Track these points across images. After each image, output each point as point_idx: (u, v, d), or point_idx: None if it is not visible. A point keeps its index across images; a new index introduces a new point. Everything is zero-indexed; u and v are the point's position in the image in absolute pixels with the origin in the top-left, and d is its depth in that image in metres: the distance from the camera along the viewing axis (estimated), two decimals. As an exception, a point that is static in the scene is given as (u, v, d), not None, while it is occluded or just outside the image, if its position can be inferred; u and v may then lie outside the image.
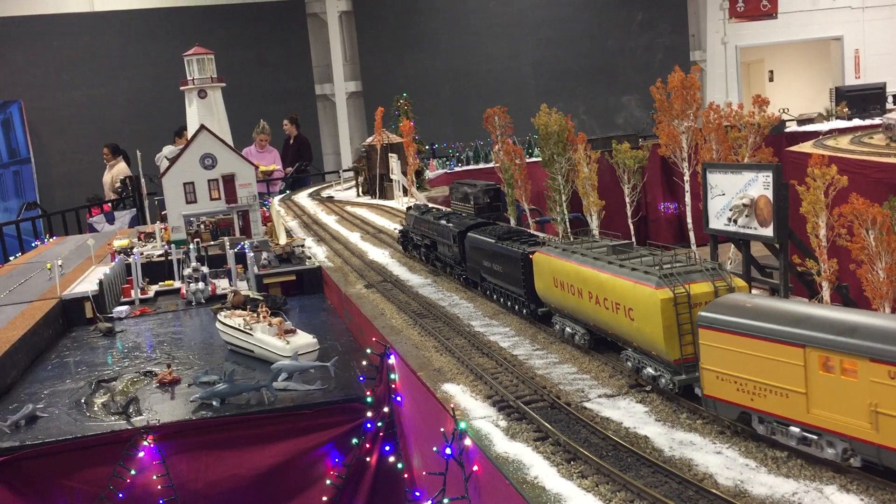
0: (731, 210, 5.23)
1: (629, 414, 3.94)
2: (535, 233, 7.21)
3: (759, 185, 5.04)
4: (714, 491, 3.06)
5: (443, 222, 7.27)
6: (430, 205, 9.58)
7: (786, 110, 21.69)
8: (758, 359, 3.30)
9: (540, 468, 3.44)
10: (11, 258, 12.17)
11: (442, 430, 4.12)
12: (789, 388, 3.21)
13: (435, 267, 7.75)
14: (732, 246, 5.87)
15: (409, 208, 9.16)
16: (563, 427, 3.80)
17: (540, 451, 3.61)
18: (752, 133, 5.65)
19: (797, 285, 5.19)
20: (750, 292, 4.27)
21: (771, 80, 33.93)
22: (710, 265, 4.13)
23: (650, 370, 4.12)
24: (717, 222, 5.44)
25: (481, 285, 6.47)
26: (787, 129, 19.70)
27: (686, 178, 6.00)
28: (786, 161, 9.63)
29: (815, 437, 3.17)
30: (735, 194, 5.21)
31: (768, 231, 5.03)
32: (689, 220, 6.15)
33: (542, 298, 5.35)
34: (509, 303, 5.95)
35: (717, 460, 3.35)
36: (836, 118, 20.40)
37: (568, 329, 5.05)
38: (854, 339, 2.97)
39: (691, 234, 6.14)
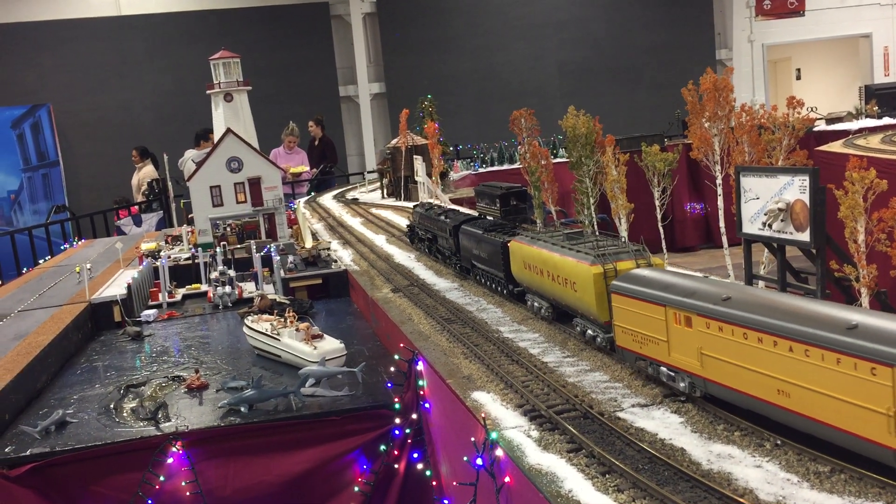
0: (765, 214, 5.11)
1: (664, 425, 3.86)
2: (514, 225, 7.80)
3: (795, 189, 4.92)
4: (755, 507, 2.98)
5: (441, 218, 8.20)
6: (433, 203, 10.41)
7: (814, 109, 21.40)
8: (643, 316, 4.27)
9: (574, 481, 3.38)
10: (41, 261, 12.29)
11: (472, 439, 4.07)
12: (659, 337, 4.16)
13: (436, 258, 8.61)
14: (766, 250, 5.75)
15: (415, 206, 9.84)
16: (597, 438, 3.72)
17: (574, 464, 3.54)
18: (787, 135, 5.53)
19: (834, 291, 5.07)
20: (664, 268, 5.18)
21: (798, 78, 33.53)
22: (636, 248, 5.03)
23: (590, 331, 5.06)
24: (751, 226, 5.32)
25: (472, 271, 7.38)
26: (816, 129, 19.42)
27: (718, 181, 5.88)
28: (815, 161, 9.47)
29: (673, 374, 4.10)
30: (770, 198, 5.10)
31: (804, 236, 4.91)
32: (722, 223, 6.03)
33: (516, 279, 6.30)
34: (492, 284, 6.87)
35: (758, 474, 3.26)
36: (866, 117, 20.09)
37: (536, 304, 5.97)
38: (691, 299, 3.92)
39: (724, 238, 6.03)
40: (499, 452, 3.81)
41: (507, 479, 3.74)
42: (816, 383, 3.19)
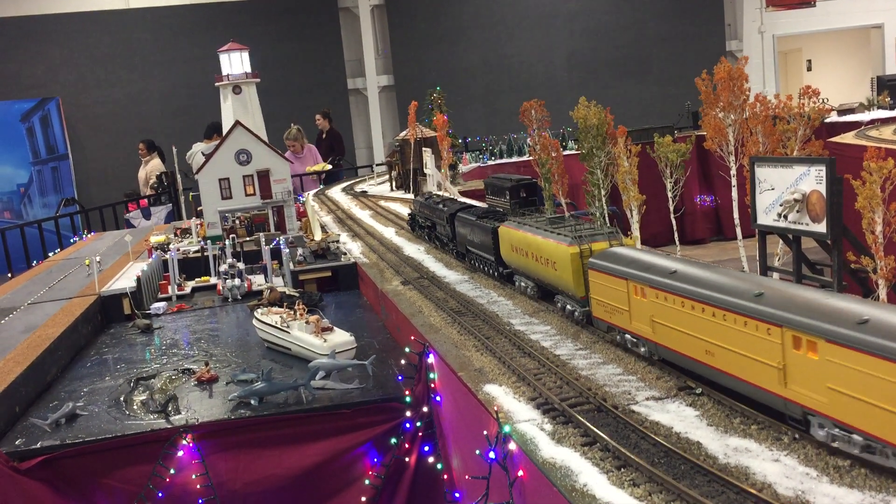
0: (781, 205, 5.05)
1: (679, 418, 3.81)
2: (503, 210, 8.20)
3: (811, 180, 4.85)
4: (775, 503, 2.92)
5: (440, 206, 8.57)
6: (433, 193, 10.77)
7: (826, 100, 21.24)
8: (611, 289, 4.74)
9: (589, 475, 3.33)
10: (51, 254, 12.31)
11: (485, 432, 4.02)
12: (623, 307, 4.63)
13: (435, 244, 8.98)
14: (780, 242, 5.68)
15: (415, 196, 10.24)
16: (612, 432, 3.67)
17: (588, 457, 3.49)
18: (802, 125, 5.45)
19: (851, 283, 5.00)
20: (635, 246, 5.58)
21: (809, 69, 33.30)
22: (610, 230, 5.52)
23: (569, 306, 5.51)
24: (766, 217, 5.25)
25: (467, 256, 7.77)
26: (828, 120, 19.27)
27: (732, 171, 5.81)
28: (827, 152, 9.36)
29: (635, 340, 4.53)
30: (785, 189, 5.03)
31: (821, 227, 4.84)
32: (736, 214, 5.96)
33: (505, 261, 6.70)
34: (484, 267, 7.28)
35: (776, 468, 3.21)
36: (878, 108, 19.91)
37: (522, 283, 6.42)
38: (646, 273, 4.39)
39: (738, 230, 5.95)
40: (512, 446, 3.77)
41: (520, 473, 3.70)
42: (731, 343, 3.69)
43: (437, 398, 5.34)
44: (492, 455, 3.87)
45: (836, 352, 3.08)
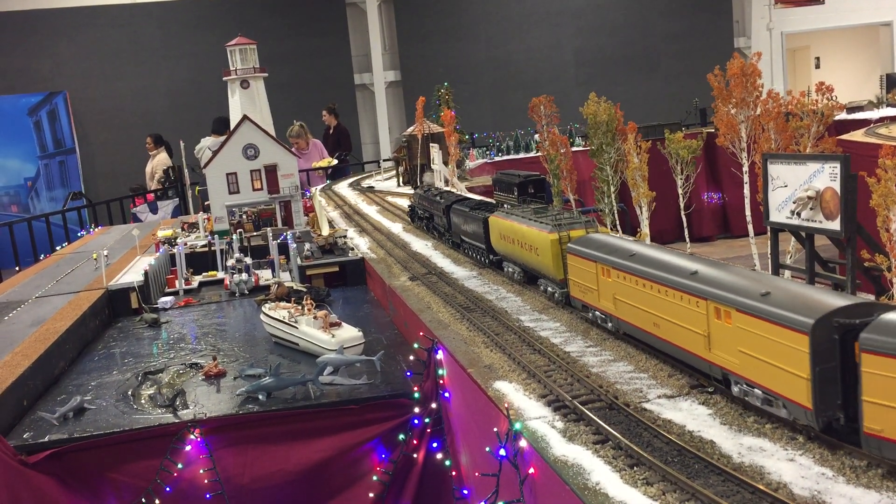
0: (794, 202, 5.00)
1: (692, 416, 3.77)
2: (493, 201, 8.67)
3: (825, 177, 4.81)
4: (790, 503, 2.89)
5: (437, 199, 8.96)
6: (431, 186, 11.07)
7: (835, 97, 21.11)
8: (585, 271, 5.20)
9: (601, 473, 3.30)
10: (58, 248, 12.31)
11: (495, 429, 4.00)
12: (593, 287, 5.11)
13: (433, 234, 9.37)
14: (792, 239, 5.64)
15: (415, 188, 10.65)
16: (624, 430, 3.64)
17: (600, 455, 3.46)
18: (815, 122, 5.40)
19: (864, 281, 4.96)
20: (609, 233, 6.11)
21: (817, 66, 33.13)
22: (587, 220, 5.95)
23: (549, 288, 5.97)
24: (779, 215, 5.21)
25: (461, 246, 8.14)
26: (836, 118, 19.16)
27: (745, 168, 5.76)
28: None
29: (603, 316, 5.06)
30: (799, 186, 4.98)
31: (835, 224, 4.79)
32: (748, 211, 5.92)
33: (495, 249, 7.11)
34: (476, 255, 7.69)
35: (791, 468, 3.17)
36: (887, 106, 19.78)
37: (510, 269, 6.84)
38: (610, 256, 4.88)
39: (749, 227, 5.91)
40: (522, 443, 3.74)
41: (531, 471, 3.67)
42: (672, 315, 4.18)
43: (446, 394, 5.31)
44: (502, 452, 3.84)
45: (743, 319, 3.56)
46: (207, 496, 5.17)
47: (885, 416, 2.90)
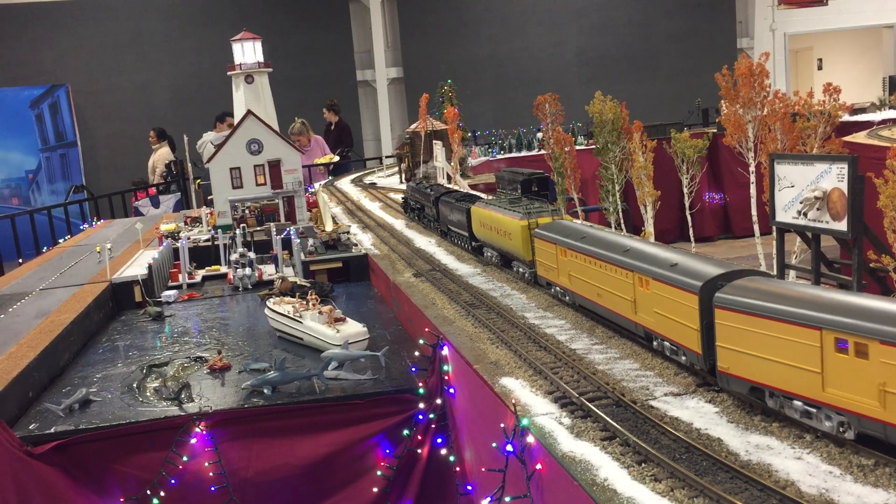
0: (801, 203, 5.01)
1: (699, 414, 3.79)
2: (478, 193, 9.25)
3: (832, 177, 4.82)
4: (799, 500, 2.91)
5: (427, 191, 9.59)
6: (422, 179, 11.59)
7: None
8: (548, 252, 5.85)
9: (609, 470, 3.31)
10: (60, 241, 12.32)
11: (502, 425, 4.01)
12: (553, 265, 5.78)
13: (423, 224, 9.94)
14: (797, 240, 5.65)
15: (408, 181, 11.25)
16: (631, 426, 3.65)
17: (608, 452, 3.48)
18: (823, 122, 5.41)
19: (870, 282, 4.97)
20: (572, 221, 6.63)
21: (820, 68, 33.15)
22: (554, 208, 6.67)
23: (521, 269, 6.67)
24: (785, 215, 5.22)
25: (448, 234, 8.77)
26: (839, 119, 19.17)
27: (751, 168, 5.77)
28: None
29: (562, 291, 5.73)
30: (806, 186, 4.99)
31: (842, 225, 4.81)
32: (754, 211, 5.93)
33: (476, 236, 7.73)
34: (460, 242, 8.32)
35: (799, 466, 3.19)
36: (890, 107, 19.82)
37: (489, 254, 7.50)
38: (567, 238, 5.53)
39: (755, 227, 5.92)
40: (530, 439, 3.76)
41: (538, 467, 3.68)
42: (609, 286, 4.88)
43: (451, 390, 5.33)
44: (509, 448, 3.86)
45: (657, 286, 4.32)
46: (212, 489, 5.19)
47: (730, 357, 3.74)
